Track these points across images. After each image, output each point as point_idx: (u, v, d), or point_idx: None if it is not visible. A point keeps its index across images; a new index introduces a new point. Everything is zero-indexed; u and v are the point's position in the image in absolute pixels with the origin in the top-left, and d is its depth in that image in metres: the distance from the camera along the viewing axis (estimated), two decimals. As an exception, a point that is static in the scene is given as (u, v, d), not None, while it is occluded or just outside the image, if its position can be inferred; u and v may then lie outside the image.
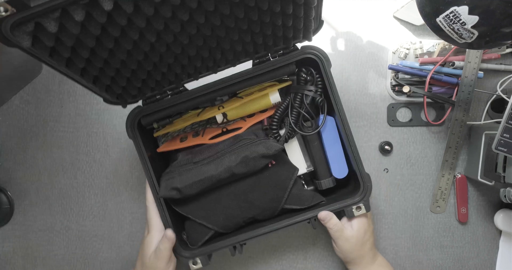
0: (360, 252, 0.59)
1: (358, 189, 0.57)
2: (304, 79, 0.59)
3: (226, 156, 0.55)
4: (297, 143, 0.62)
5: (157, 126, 0.60)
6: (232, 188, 0.57)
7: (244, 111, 0.60)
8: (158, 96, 0.57)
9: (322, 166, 0.61)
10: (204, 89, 0.57)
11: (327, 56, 0.56)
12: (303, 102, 0.58)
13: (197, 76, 0.57)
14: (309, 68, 0.59)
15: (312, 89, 0.58)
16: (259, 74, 0.57)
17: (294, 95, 0.59)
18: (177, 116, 0.60)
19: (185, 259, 0.57)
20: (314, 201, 0.59)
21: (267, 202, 0.58)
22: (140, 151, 0.57)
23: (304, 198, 0.59)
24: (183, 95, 0.57)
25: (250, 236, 0.57)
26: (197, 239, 0.59)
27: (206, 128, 0.62)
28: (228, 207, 0.58)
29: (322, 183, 0.61)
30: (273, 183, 0.58)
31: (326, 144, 0.60)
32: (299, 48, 0.57)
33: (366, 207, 0.57)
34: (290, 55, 0.56)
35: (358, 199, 0.57)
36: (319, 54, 0.56)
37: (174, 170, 0.57)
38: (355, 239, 0.58)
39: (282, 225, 0.57)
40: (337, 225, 0.57)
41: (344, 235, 0.58)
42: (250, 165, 0.55)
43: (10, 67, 0.67)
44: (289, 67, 0.57)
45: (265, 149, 0.55)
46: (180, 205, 0.58)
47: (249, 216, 0.59)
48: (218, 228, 0.58)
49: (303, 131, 0.59)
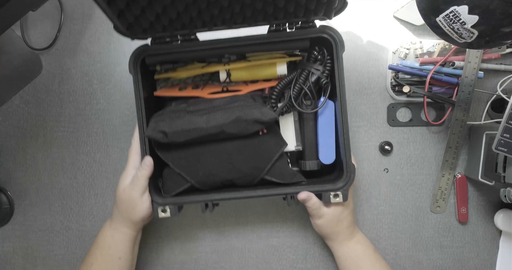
0: (335, 228, 0.61)
1: (340, 178, 0.58)
2: (314, 57, 0.59)
3: (220, 112, 0.55)
4: (292, 120, 0.62)
5: (159, 69, 0.60)
6: (218, 147, 0.57)
7: (248, 75, 0.60)
8: (168, 39, 0.56)
9: (311, 148, 0.61)
10: (215, 43, 0.56)
11: (343, 41, 0.56)
12: (308, 79, 0.58)
13: (211, 27, 0.56)
14: (322, 48, 0.59)
15: (320, 69, 0.58)
16: (272, 42, 0.57)
17: (301, 71, 0.59)
18: (182, 64, 0.60)
19: (155, 204, 0.58)
20: (295, 180, 0.60)
21: (248, 168, 0.58)
22: (137, 88, 0.57)
23: (286, 174, 0.60)
24: (193, 44, 0.56)
25: (224, 197, 0.57)
26: (172, 189, 0.59)
27: (207, 84, 0.62)
28: (210, 164, 0.58)
29: (307, 164, 0.61)
30: (260, 151, 0.58)
31: (320, 128, 0.60)
32: (317, 26, 0.56)
33: (344, 196, 0.57)
34: (307, 30, 0.56)
35: (338, 186, 0.57)
36: (335, 36, 0.56)
37: (165, 114, 0.57)
38: (331, 216, 0.59)
39: (257, 194, 0.57)
40: (316, 204, 0.59)
41: (320, 212, 0.59)
42: (241, 127, 0.55)
43: (10, 67, 0.67)
44: (302, 42, 0.57)
45: (259, 114, 0.55)
46: (163, 150, 0.58)
47: (228, 178, 0.58)
48: (195, 183, 0.59)
49: (301, 108, 0.59)
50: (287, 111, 0.60)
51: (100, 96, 0.70)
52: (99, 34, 0.70)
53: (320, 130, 0.60)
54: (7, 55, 0.66)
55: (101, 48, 0.70)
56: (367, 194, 0.69)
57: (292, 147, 0.62)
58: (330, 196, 0.57)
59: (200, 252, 0.70)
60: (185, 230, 0.70)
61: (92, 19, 0.70)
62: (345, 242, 0.62)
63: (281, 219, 0.70)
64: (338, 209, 0.60)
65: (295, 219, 0.70)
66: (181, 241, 0.70)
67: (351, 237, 0.62)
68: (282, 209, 0.70)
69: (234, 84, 0.61)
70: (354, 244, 0.62)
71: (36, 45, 0.70)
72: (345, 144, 0.57)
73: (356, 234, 0.63)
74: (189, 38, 0.57)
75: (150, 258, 0.70)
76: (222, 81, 0.60)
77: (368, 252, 0.62)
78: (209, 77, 0.62)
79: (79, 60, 0.70)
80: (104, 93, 0.70)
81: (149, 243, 0.70)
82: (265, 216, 0.70)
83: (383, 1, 0.69)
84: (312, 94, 0.59)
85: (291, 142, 0.61)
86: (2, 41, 0.68)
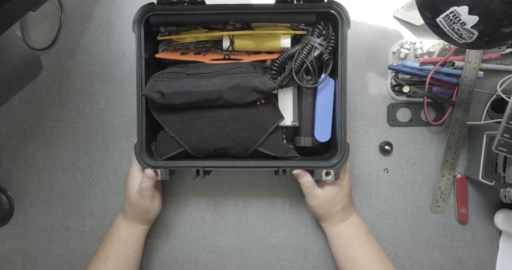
0: (329, 210, 0.61)
1: (334, 156, 0.58)
2: (318, 32, 0.59)
3: (220, 78, 0.56)
4: (291, 94, 0.62)
5: (163, 31, 0.59)
6: (214, 113, 0.57)
7: (252, 45, 0.60)
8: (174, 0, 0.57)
9: (307, 124, 0.62)
10: (221, 8, 0.56)
11: (349, 18, 0.56)
12: (311, 54, 0.58)
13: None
14: (328, 24, 0.59)
15: (324, 45, 0.58)
16: (278, 12, 0.57)
17: (304, 45, 0.59)
18: (186, 28, 0.60)
19: (147, 166, 0.58)
20: (288, 154, 0.60)
21: (243, 138, 0.58)
22: (139, 46, 0.57)
23: (280, 148, 0.60)
24: (199, 7, 0.57)
25: (216, 165, 0.58)
26: (165, 152, 0.60)
27: (209, 51, 0.62)
28: (204, 130, 0.58)
29: (301, 140, 0.62)
30: (255, 122, 0.58)
31: (318, 105, 0.60)
32: (325, 1, 0.57)
33: (336, 174, 0.57)
34: (314, 4, 0.56)
35: (331, 164, 0.57)
36: (342, 13, 0.56)
37: (164, 75, 0.58)
38: (324, 198, 0.60)
39: (249, 165, 0.58)
40: (309, 182, 0.59)
41: (314, 193, 0.60)
42: (239, 94, 0.55)
43: (10, 67, 0.67)
44: (308, 16, 0.57)
45: (259, 82, 0.55)
46: (159, 112, 0.59)
47: (221, 146, 0.59)
48: (187, 148, 0.59)
49: (301, 83, 0.59)
50: (287, 84, 0.60)
51: (100, 96, 0.70)
52: (99, 34, 0.70)
53: (318, 107, 0.60)
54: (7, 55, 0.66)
55: (101, 48, 0.70)
56: (367, 194, 0.69)
57: (289, 122, 0.62)
58: (322, 173, 0.58)
59: (200, 252, 0.70)
60: (185, 230, 0.70)
61: (92, 19, 0.70)
62: (337, 223, 0.62)
63: (281, 219, 0.70)
64: (332, 191, 0.60)
65: (295, 219, 0.70)
66: (181, 241, 0.70)
67: (344, 219, 0.62)
68: (282, 208, 0.70)
69: (237, 53, 0.61)
70: (346, 225, 0.62)
71: (36, 45, 0.70)
72: (342, 123, 0.57)
73: (350, 217, 0.63)
74: (196, 0, 0.57)
75: (150, 258, 0.70)
76: (225, 49, 0.60)
77: (360, 234, 0.62)
78: (212, 45, 0.62)
79: (79, 60, 0.70)
80: (104, 93, 0.70)
81: (149, 243, 0.70)
82: (265, 216, 0.70)
83: (383, 1, 0.69)
84: (313, 69, 0.58)
85: (288, 117, 0.62)
86: (2, 41, 0.68)
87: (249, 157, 0.61)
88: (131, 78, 0.69)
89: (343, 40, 0.56)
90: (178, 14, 0.57)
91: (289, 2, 0.57)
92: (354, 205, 0.69)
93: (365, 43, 0.69)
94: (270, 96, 0.59)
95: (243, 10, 0.57)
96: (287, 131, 0.65)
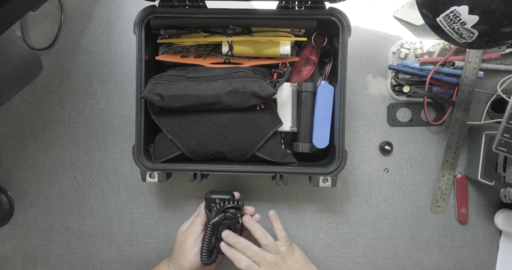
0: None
1: (332, 163, 0.58)
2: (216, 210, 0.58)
3: (219, 82, 0.56)
4: (290, 100, 0.62)
5: (163, 33, 0.60)
6: (213, 117, 0.58)
7: (251, 51, 0.60)
8: (175, 3, 0.57)
9: (305, 130, 0.62)
10: (222, 12, 0.56)
11: (350, 25, 0.56)
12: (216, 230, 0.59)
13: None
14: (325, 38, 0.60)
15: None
16: (279, 18, 0.57)
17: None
18: (186, 31, 0.60)
19: (144, 168, 0.58)
20: (286, 159, 0.60)
21: (241, 143, 0.58)
22: (139, 48, 0.57)
23: (278, 153, 0.60)
24: (200, 10, 0.57)
25: (214, 169, 0.58)
26: (162, 155, 0.60)
27: (209, 54, 0.62)
28: (202, 134, 0.58)
29: (299, 146, 0.62)
30: (254, 127, 0.58)
31: (317, 111, 0.61)
32: (326, 8, 0.57)
33: (333, 181, 0.58)
34: (315, 11, 0.56)
35: (329, 171, 0.57)
36: (343, 20, 0.56)
37: (164, 78, 0.58)
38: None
39: (247, 170, 0.57)
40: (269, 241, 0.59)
41: (261, 255, 0.58)
42: (238, 98, 0.55)
43: (10, 67, 0.67)
44: (309, 22, 0.57)
45: (258, 88, 0.55)
46: (158, 114, 0.59)
47: (219, 150, 0.59)
48: (185, 151, 0.59)
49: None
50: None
51: (100, 96, 0.70)
52: (99, 34, 0.70)
53: (317, 113, 0.61)
54: (7, 55, 0.66)
55: (101, 48, 0.70)
56: (367, 194, 0.69)
57: (287, 127, 0.62)
58: (319, 179, 0.58)
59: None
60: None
61: (92, 19, 0.70)
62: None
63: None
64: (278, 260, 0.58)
65: (295, 219, 0.70)
66: (181, 241, 0.70)
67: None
68: (282, 209, 0.70)
69: (237, 58, 0.61)
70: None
71: (36, 45, 0.70)
72: (340, 130, 0.57)
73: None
74: (197, 4, 0.57)
75: (150, 258, 0.70)
76: (224, 54, 0.60)
77: None
78: (212, 49, 0.63)
79: (79, 60, 0.70)
80: (104, 93, 0.70)
81: (149, 243, 0.70)
82: (264, 217, 0.70)
83: (383, 1, 0.69)
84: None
85: (286, 123, 0.62)
86: (2, 41, 0.68)
87: (247, 162, 0.61)
88: (131, 78, 0.69)
89: (344, 46, 0.56)
90: (179, 17, 0.57)
91: (290, 8, 0.57)
92: (355, 205, 0.69)
93: (365, 43, 0.69)
94: (269, 101, 0.59)
95: (244, 15, 0.56)
96: (285, 136, 0.65)
